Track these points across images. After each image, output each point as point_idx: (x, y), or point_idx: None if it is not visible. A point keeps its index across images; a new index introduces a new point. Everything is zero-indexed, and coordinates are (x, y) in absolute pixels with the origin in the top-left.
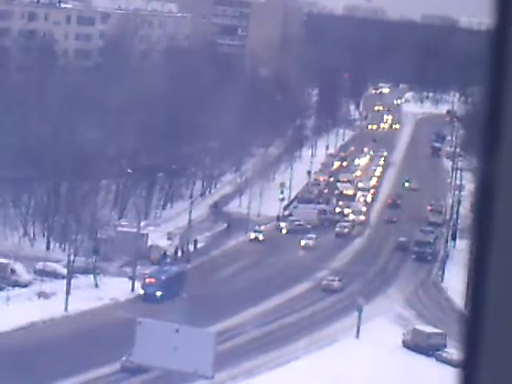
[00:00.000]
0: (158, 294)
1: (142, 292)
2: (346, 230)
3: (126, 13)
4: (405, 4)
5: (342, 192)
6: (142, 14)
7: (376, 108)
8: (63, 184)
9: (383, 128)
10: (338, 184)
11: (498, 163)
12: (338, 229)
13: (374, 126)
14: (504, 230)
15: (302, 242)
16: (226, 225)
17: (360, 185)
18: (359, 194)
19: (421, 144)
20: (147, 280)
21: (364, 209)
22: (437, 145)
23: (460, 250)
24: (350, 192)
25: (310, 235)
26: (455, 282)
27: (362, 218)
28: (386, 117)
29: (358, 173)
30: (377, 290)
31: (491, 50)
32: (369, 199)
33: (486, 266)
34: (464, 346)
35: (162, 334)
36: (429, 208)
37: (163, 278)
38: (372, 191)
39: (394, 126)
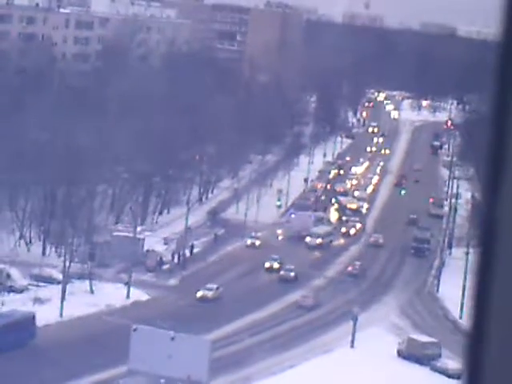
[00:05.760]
0: None
1: None
2: (292, 274)
3: (125, 18)
4: (404, 12)
5: (345, 206)
6: (140, 19)
7: (370, 129)
8: (60, 188)
9: (370, 152)
10: (341, 198)
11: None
12: (282, 272)
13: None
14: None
15: (199, 294)
16: (222, 231)
17: (356, 194)
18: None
19: (418, 151)
20: None
21: (329, 229)
22: (436, 143)
23: (456, 258)
24: (354, 206)
25: (209, 285)
26: (450, 291)
27: (319, 241)
28: (375, 139)
29: (355, 181)
30: None
31: (499, 61)
32: (364, 210)
33: (490, 281)
34: (467, 356)
35: (157, 341)
36: (431, 200)
37: None
38: (367, 200)
39: (382, 151)
